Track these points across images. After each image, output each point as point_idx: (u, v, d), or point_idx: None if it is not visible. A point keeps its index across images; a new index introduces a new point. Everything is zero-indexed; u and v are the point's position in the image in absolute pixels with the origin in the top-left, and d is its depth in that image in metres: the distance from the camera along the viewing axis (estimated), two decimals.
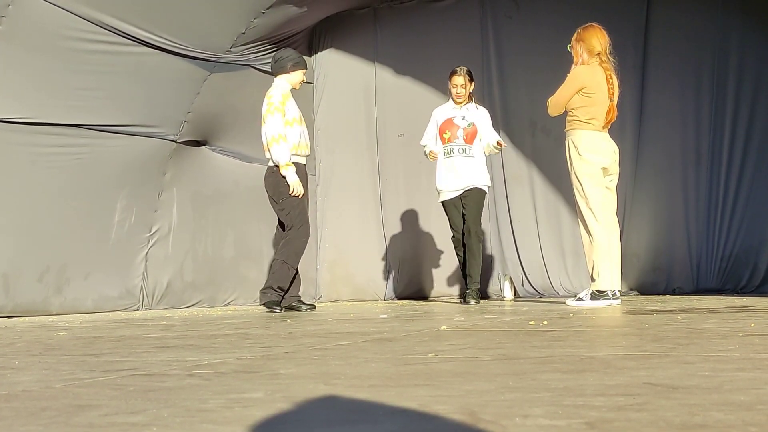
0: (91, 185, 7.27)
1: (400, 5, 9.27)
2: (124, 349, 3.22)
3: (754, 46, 8.12)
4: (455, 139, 7.14)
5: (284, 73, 6.57)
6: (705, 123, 8.29)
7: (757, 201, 8.09)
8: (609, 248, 6.01)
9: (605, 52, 6.13)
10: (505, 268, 8.85)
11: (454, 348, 2.82)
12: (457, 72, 7.19)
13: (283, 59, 6.59)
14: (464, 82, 7.16)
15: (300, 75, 6.62)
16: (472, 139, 7.14)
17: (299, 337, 3.59)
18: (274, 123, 6.37)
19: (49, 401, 1.83)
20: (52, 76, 6.77)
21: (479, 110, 7.27)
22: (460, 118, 7.17)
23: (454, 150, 7.13)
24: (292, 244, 6.44)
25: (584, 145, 6.00)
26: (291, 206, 6.43)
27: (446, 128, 7.17)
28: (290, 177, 6.38)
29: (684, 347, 2.59)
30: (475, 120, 7.17)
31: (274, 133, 6.36)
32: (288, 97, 6.51)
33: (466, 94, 7.19)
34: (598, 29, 6.15)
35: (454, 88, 7.19)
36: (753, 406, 1.49)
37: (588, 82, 6.02)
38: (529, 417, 1.45)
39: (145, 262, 7.77)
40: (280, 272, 6.42)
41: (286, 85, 6.56)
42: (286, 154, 6.36)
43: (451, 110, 7.23)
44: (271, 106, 6.40)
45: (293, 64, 6.58)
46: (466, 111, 7.20)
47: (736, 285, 8.07)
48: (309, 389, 1.88)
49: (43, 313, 6.89)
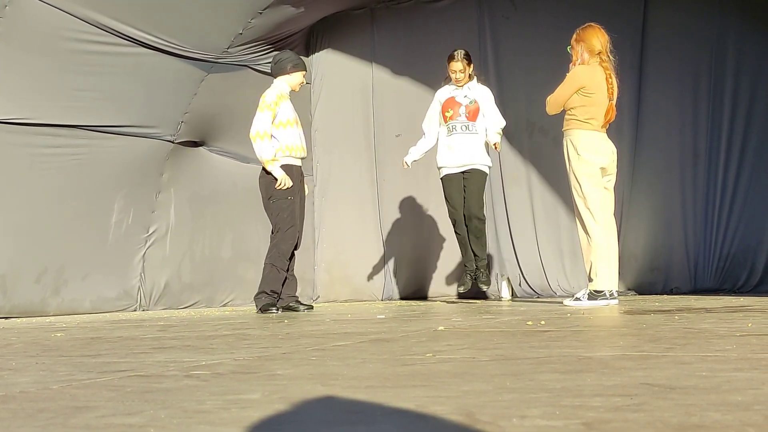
0: (88, 186, 7.27)
1: (397, 5, 9.27)
2: (122, 350, 3.21)
3: (751, 46, 8.13)
4: (457, 117, 7.07)
5: (284, 75, 6.57)
6: (702, 123, 8.29)
7: (754, 201, 8.10)
8: (607, 248, 6.01)
9: (605, 51, 6.12)
10: (502, 268, 8.85)
11: (451, 348, 2.82)
12: (455, 57, 7.10)
13: (282, 60, 6.59)
14: (462, 67, 7.09)
15: (299, 77, 6.62)
16: (475, 116, 7.07)
17: (297, 337, 3.58)
18: (261, 120, 6.37)
19: (46, 402, 1.82)
20: (50, 76, 6.77)
21: (482, 87, 7.22)
22: (462, 96, 7.12)
23: (457, 127, 7.07)
24: (279, 246, 6.45)
25: (583, 144, 5.99)
26: (281, 208, 6.43)
27: (448, 107, 7.12)
28: (276, 172, 6.38)
29: (681, 347, 2.59)
30: (477, 97, 7.11)
31: (259, 129, 6.36)
32: (284, 98, 6.50)
33: (465, 76, 7.13)
34: (597, 29, 6.15)
35: (453, 73, 7.12)
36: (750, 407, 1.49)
37: (587, 82, 6.01)
38: (527, 418, 1.45)
39: (142, 263, 7.77)
40: (271, 276, 6.45)
41: (285, 86, 6.56)
42: (269, 151, 6.36)
43: (453, 90, 7.19)
44: (263, 103, 6.41)
45: (293, 66, 6.57)
46: (467, 90, 7.15)
47: (734, 285, 8.08)
48: (306, 390, 1.88)
49: (40, 314, 6.88)
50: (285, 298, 6.56)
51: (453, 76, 7.12)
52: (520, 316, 4.77)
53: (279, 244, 6.45)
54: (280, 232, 6.46)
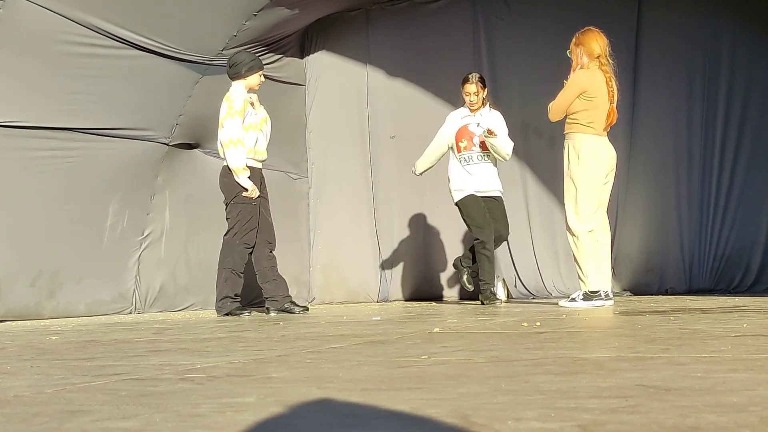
0: (83, 189, 7.25)
1: (391, 7, 9.27)
2: (117, 353, 3.21)
3: (745, 47, 8.14)
4: (472, 148, 7.07)
5: (240, 79, 6.57)
6: (697, 124, 8.30)
7: (749, 201, 8.11)
8: (596, 249, 6.01)
9: (605, 55, 6.13)
10: (498, 269, 8.84)
11: (446, 350, 2.82)
12: (470, 80, 7.06)
13: (237, 65, 6.59)
14: (477, 90, 7.06)
15: (256, 77, 6.61)
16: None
17: (292, 340, 3.58)
18: (233, 126, 6.39)
19: (40, 407, 1.82)
20: (44, 79, 6.75)
21: (492, 113, 7.19)
22: (475, 125, 7.09)
23: (473, 158, 7.05)
24: (238, 250, 6.47)
25: (585, 150, 5.98)
26: (244, 211, 6.45)
27: (462, 136, 7.08)
28: (244, 182, 6.42)
29: (677, 348, 2.59)
30: (491, 126, 7.07)
31: (232, 136, 6.39)
32: (247, 103, 6.51)
33: (479, 100, 7.11)
34: (596, 32, 6.15)
35: (467, 96, 7.09)
36: (746, 408, 1.49)
37: (588, 86, 6.01)
38: (522, 420, 1.45)
39: (137, 266, 7.76)
40: (231, 280, 6.49)
41: (244, 90, 6.56)
42: (241, 159, 6.39)
43: (466, 117, 7.15)
44: (232, 109, 6.42)
45: (247, 69, 6.56)
46: (480, 117, 7.11)
47: (729, 285, 8.09)
48: (302, 393, 1.88)
49: (35, 317, 6.87)
50: (279, 300, 6.56)
51: (467, 98, 7.09)
52: (516, 318, 4.77)
53: (236, 248, 6.47)
54: (237, 235, 6.47)
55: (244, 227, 6.47)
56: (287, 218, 8.92)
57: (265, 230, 6.61)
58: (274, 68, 8.68)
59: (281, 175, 8.98)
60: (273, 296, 6.59)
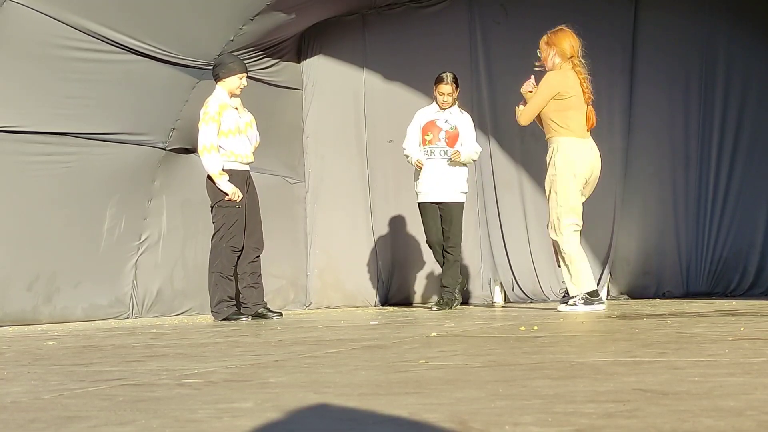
0: (80, 193, 7.24)
1: (388, 11, 9.27)
2: (114, 358, 3.21)
3: (741, 48, 8.15)
4: (437, 141, 7.14)
5: (218, 82, 6.56)
6: (694, 126, 8.31)
7: (746, 204, 8.12)
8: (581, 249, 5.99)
9: (577, 55, 6.06)
10: (495, 273, 8.85)
11: (444, 355, 2.82)
12: (444, 80, 7.13)
13: (215, 68, 6.59)
14: (451, 90, 7.14)
15: (235, 80, 6.53)
16: (454, 142, 7.14)
17: (289, 345, 3.58)
18: (207, 133, 6.38)
19: (37, 413, 1.82)
20: (40, 84, 6.75)
21: (463, 114, 7.27)
22: (443, 121, 7.16)
23: (435, 152, 7.13)
24: (225, 254, 6.46)
25: (568, 153, 5.92)
26: (228, 215, 6.45)
27: (428, 130, 7.17)
28: (225, 186, 6.40)
29: (674, 352, 2.60)
30: (458, 123, 7.17)
31: (205, 143, 6.38)
32: (226, 107, 6.48)
33: (453, 100, 7.19)
34: (569, 32, 6.10)
35: (441, 95, 7.15)
36: (743, 412, 1.49)
37: (561, 87, 5.96)
38: (519, 425, 1.45)
39: (134, 270, 7.75)
40: (222, 284, 6.47)
41: (223, 93, 6.53)
42: (217, 164, 6.38)
43: (435, 113, 7.22)
44: (206, 115, 6.41)
45: (225, 71, 6.53)
46: (449, 114, 7.19)
47: (726, 288, 8.09)
48: (299, 398, 1.88)
49: (32, 322, 6.85)
50: (251, 307, 6.56)
51: (440, 98, 7.15)
52: (513, 322, 4.77)
53: (223, 251, 6.46)
54: (223, 238, 6.46)
55: (230, 230, 6.46)
56: (284, 222, 8.92)
57: (252, 234, 6.60)
58: (270, 72, 8.68)
59: (278, 179, 8.97)
60: (246, 302, 6.60)
